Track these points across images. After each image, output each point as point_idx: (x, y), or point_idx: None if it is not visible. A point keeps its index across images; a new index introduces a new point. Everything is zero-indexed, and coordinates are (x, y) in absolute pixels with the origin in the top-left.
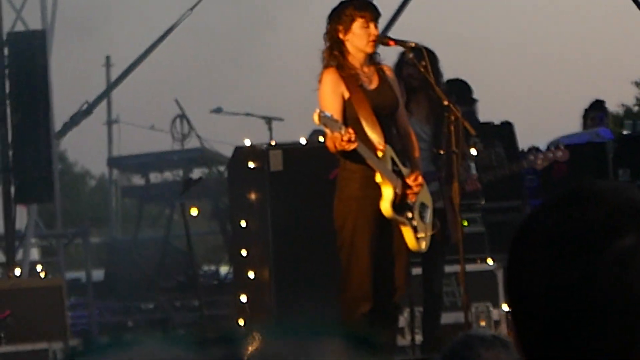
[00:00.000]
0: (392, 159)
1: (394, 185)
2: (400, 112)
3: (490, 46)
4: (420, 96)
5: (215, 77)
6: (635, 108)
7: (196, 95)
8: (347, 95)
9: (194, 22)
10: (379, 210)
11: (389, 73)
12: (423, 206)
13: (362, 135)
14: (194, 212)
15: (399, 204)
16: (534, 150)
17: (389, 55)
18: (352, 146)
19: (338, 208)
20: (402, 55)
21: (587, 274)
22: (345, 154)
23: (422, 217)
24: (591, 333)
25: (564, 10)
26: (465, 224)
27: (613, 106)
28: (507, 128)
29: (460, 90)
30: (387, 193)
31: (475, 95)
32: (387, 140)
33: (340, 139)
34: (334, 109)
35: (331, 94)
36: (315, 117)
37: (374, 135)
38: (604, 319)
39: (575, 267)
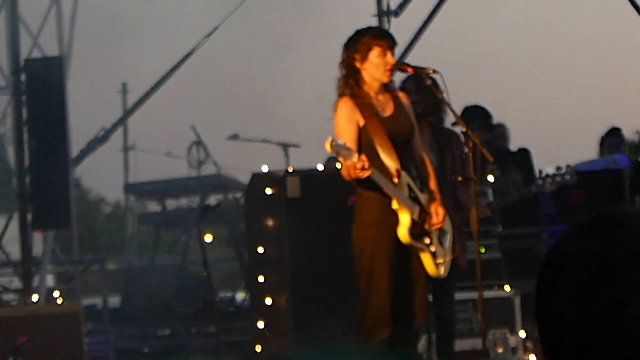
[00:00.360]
0: (409, 185)
1: (411, 212)
2: (416, 139)
3: (506, 71)
4: (423, 123)
5: (232, 104)
6: None
7: (213, 122)
8: (362, 122)
9: (211, 49)
10: (397, 237)
11: (405, 100)
12: (442, 232)
13: (377, 162)
14: (208, 238)
15: (417, 230)
16: (543, 174)
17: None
18: (366, 174)
19: (356, 235)
20: (403, 83)
21: (618, 299)
22: (361, 181)
23: (441, 243)
24: (623, 358)
25: (583, 35)
26: (483, 250)
27: (629, 133)
28: (523, 155)
29: (480, 117)
30: (404, 219)
31: (494, 121)
32: (403, 166)
33: (353, 167)
34: (349, 137)
35: (346, 122)
36: (327, 145)
37: (390, 162)
38: (636, 344)
39: (606, 292)
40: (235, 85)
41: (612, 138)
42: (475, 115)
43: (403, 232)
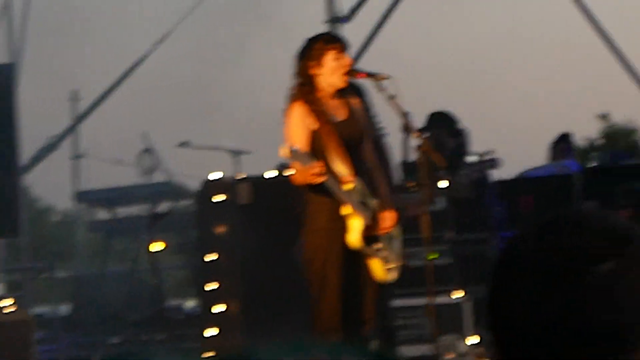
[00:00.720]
0: (360, 191)
1: (363, 217)
2: (368, 144)
3: (458, 76)
4: None
5: (183, 111)
6: (599, 141)
7: (163, 129)
8: (314, 127)
9: (162, 56)
10: (348, 242)
11: (357, 105)
12: (392, 237)
13: (329, 168)
14: (157, 246)
15: (368, 235)
16: (464, 164)
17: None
18: (322, 179)
19: (307, 240)
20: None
21: (571, 300)
22: (313, 187)
23: (390, 248)
24: (578, 358)
25: (535, 42)
26: (434, 256)
27: (577, 140)
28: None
29: (447, 123)
30: (356, 225)
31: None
32: (355, 171)
33: (309, 173)
34: (300, 142)
35: (298, 127)
36: (285, 151)
37: (342, 168)
38: (590, 344)
39: (560, 294)
40: (186, 92)
41: (562, 144)
42: (443, 121)
43: (355, 238)
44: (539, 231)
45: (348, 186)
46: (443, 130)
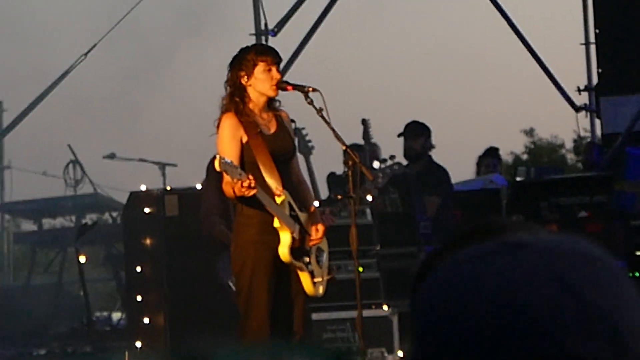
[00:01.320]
0: (290, 204)
1: (292, 231)
2: (295, 159)
3: (384, 91)
4: None
5: (109, 123)
6: (525, 156)
7: (89, 141)
8: (245, 139)
9: (89, 67)
10: (277, 256)
11: (286, 119)
12: (319, 251)
13: (260, 181)
14: (82, 259)
15: (297, 249)
16: (372, 169)
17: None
18: (252, 192)
19: (235, 253)
20: None
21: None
22: (243, 199)
23: (318, 262)
24: None
25: (459, 57)
26: (361, 269)
27: (503, 154)
28: (441, 172)
29: (423, 133)
30: (285, 238)
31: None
32: (284, 185)
33: (240, 185)
34: (232, 154)
35: (230, 139)
36: (216, 164)
37: (272, 181)
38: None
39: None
40: (112, 103)
41: (489, 158)
42: (419, 131)
43: (284, 251)
44: (456, 242)
45: (278, 199)
46: (419, 140)
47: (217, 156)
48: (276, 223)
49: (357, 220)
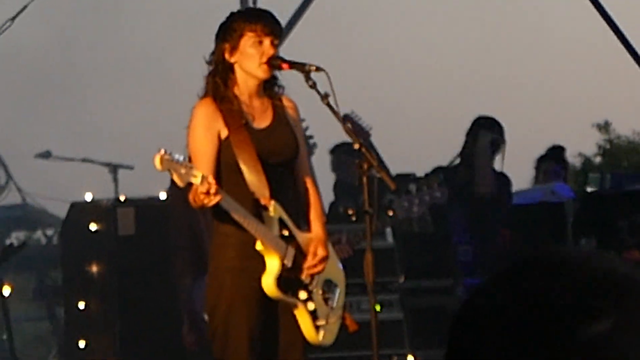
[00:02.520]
0: (281, 220)
1: (281, 255)
2: (301, 161)
3: (414, 73)
4: None
5: (43, 110)
6: (598, 159)
7: (16, 135)
8: (224, 133)
9: (14, 38)
10: (259, 288)
11: (290, 109)
12: (330, 285)
13: (240, 188)
14: (6, 291)
15: (291, 280)
16: (406, 193)
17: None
18: (213, 201)
19: (209, 284)
20: None
21: None
22: (217, 213)
23: (326, 299)
24: None
25: (510, 29)
26: (378, 308)
27: (569, 156)
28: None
29: (495, 129)
30: (272, 265)
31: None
32: (276, 194)
33: (197, 191)
34: (205, 151)
35: (204, 132)
36: (157, 161)
37: (258, 188)
38: None
39: (540, 355)
40: (47, 87)
41: (551, 162)
42: (489, 127)
43: (268, 282)
44: (512, 277)
45: (269, 213)
46: (487, 138)
47: (160, 150)
48: (258, 245)
49: (374, 242)
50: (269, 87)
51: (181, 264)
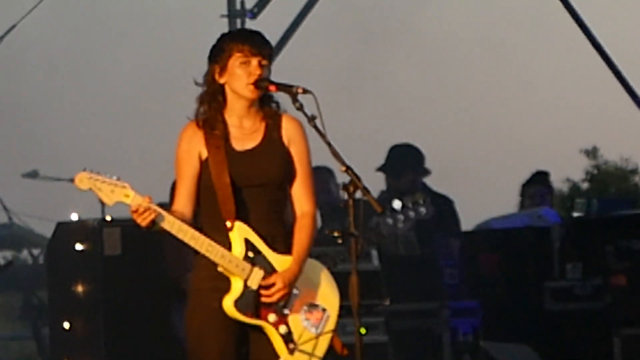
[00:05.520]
0: (248, 242)
1: (242, 276)
2: (298, 185)
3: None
4: None
5: (30, 129)
6: (585, 184)
7: (3, 153)
8: (204, 155)
9: (3, 50)
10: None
11: (291, 130)
12: (314, 308)
13: (214, 209)
14: None
15: (256, 301)
16: (390, 210)
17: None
18: (146, 220)
19: (188, 304)
20: None
21: None
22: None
23: (307, 323)
24: None
25: (496, 49)
26: (363, 331)
27: (556, 181)
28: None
29: (412, 157)
30: (235, 286)
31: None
32: (249, 217)
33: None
34: (184, 174)
35: (183, 154)
36: (77, 180)
37: (225, 210)
38: None
39: None
40: (35, 101)
41: (537, 186)
42: (406, 155)
43: (227, 304)
44: None
45: (232, 233)
46: (406, 166)
47: (83, 171)
48: (219, 267)
49: (359, 265)
50: (265, 105)
51: None
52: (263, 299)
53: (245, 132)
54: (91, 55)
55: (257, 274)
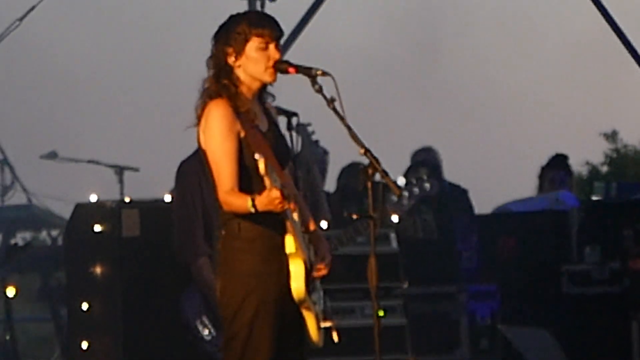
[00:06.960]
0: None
1: (304, 257)
2: (300, 168)
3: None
4: None
5: (49, 111)
6: (604, 168)
7: (22, 135)
8: (242, 134)
9: (23, 36)
10: (282, 292)
11: (276, 115)
12: (316, 287)
13: (255, 189)
14: (10, 292)
15: (308, 282)
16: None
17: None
18: (286, 206)
19: (229, 289)
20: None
21: None
22: (251, 216)
23: (319, 301)
24: None
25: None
26: (382, 313)
27: (575, 165)
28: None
29: (431, 163)
30: (299, 268)
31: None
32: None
33: (271, 197)
34: (230, 154)
35: (227, 133)
36: (260, 166)
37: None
38: None
39: None
40: (54, 85)
41: (556, 170)
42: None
43: (299, 286)
44: None
45: (296, 216)
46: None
47: (257, 156)
48: (290, 247)
49: (377, 248)
50: (263, 93)
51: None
52: (318, 273)
53: (256, 114)
54: (110, 36)
55: (312, 251)
